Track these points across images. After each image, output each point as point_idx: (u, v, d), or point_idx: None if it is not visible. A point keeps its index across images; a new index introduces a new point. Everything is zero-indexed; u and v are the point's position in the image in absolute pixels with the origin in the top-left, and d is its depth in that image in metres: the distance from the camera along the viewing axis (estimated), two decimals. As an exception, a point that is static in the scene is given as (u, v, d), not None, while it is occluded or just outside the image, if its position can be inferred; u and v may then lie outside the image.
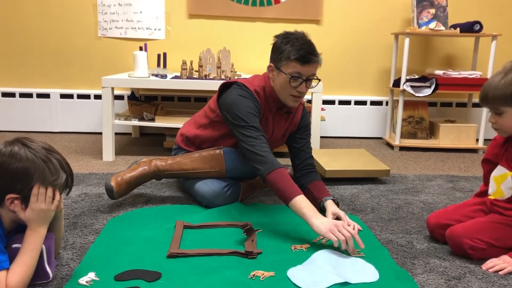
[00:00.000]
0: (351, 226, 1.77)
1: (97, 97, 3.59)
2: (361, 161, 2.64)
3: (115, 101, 3.09)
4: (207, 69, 3.11)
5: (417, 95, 3.34)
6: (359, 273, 1.49)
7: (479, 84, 3.35)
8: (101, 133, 2.92)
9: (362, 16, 3.67)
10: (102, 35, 3.57)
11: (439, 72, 3.39)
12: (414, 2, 3.41)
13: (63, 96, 3.63)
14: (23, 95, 3.61)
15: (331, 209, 1.88)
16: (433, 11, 3.42)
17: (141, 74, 2.90)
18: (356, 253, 1.61)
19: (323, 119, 3.06)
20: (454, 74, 3.37)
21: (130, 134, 3.68)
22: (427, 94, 3.34)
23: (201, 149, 2.14)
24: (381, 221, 1.98)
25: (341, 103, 3.78)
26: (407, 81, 3.36)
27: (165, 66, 3.23)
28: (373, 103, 3.79)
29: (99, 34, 3.57)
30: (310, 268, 1.51)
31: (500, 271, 1.54)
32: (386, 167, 2.55)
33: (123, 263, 1.51)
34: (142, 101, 3.27)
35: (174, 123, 2.92)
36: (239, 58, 3.51)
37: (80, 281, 1.39)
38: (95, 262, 1.52)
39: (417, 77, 3.46)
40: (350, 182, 2.52)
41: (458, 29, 3.31)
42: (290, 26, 3.37)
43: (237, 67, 3.18)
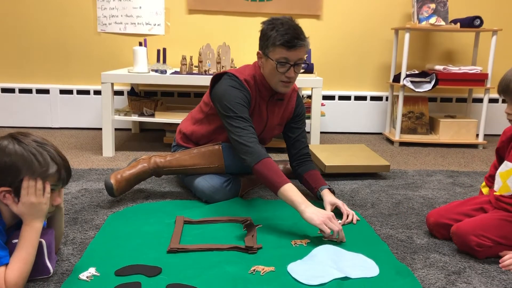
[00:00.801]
0: (350, 215, 1.87)
1: (97, 92, 3.59)
2: (361, 157, 2.64)
3: (114, 96, 3.09)
4: (207, 64, 3.11)
5: (417, 90, 3.34)
6: (359, 268, 1.49)
7: (479, 79, 3.35)
8: (101, 129, 2.92)
9: (362, 11, 3.66)
10: (101, 30, 3.56)
11: (439, 67, 3.38)
12: (414, -3, 3.41)
13: (63, 91, 3.62)
14: (22, 91, 3.60)
15: (329, 199, 1.93)
16: (433, 6, 3.41)
17: (141, 69, 2.90)
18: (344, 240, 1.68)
19: (323, 115, 3.06)
20: (454, 69, 3.36)
21: (130, 129, 3.68)
22: (427, 89, 3.33)
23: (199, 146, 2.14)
24: (381, 216, 1.99)
25: (341, 98, 3.77)
26: (407, 76, 3.36)
27: (164, 61, 3.23)
28: (373, 98, 3.79)
29: (98, 29, 3.56)
30: (310, 263, 1.51)
31: None
32: (386, 163, 2.55)
33: (124, 258, 1.51)
34: (142, 97, 3.26)
35: (174, 118, 2.92)
36: (239, 53, 3.50)
37: (80, 276, 1.40)
38: (95, 257, 1.53)
39: (417, 72, 3.46)
40: (350, 177, 2.52)
41: (458, 24, 3.30)
42: (290, 21, 3.35)
43: (237, 62, 3.17)
